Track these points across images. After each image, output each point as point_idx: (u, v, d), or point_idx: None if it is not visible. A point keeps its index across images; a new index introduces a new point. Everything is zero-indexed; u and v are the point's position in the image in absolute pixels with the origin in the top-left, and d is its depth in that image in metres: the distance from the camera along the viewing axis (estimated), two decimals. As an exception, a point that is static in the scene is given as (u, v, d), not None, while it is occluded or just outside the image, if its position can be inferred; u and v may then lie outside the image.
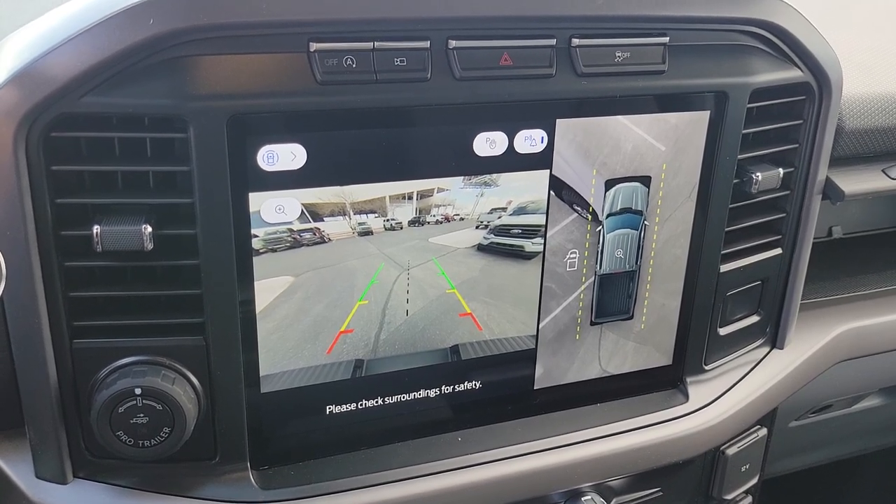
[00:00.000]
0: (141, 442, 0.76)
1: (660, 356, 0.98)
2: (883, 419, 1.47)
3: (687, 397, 0.99)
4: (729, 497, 1.07)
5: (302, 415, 0.84)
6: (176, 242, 0.74)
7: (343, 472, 0.85)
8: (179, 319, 0.76)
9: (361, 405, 0.86)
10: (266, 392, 0.82)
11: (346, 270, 0.80)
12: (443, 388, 0.89)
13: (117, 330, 0.75)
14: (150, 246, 0.71)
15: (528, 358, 0.92)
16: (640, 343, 0.96)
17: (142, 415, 0.74)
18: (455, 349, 0.88)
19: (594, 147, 0.84)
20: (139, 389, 0.74)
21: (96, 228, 0.70)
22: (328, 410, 0.85)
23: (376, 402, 0.87)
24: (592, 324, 0.93)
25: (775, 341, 1.08)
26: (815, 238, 1.40)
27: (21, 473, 0.79)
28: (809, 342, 1.10)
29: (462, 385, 0.90)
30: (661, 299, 0.95)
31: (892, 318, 1.17)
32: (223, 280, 0.75)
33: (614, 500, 0.97)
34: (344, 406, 0.86)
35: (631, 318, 0.95)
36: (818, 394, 1.22)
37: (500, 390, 0.92)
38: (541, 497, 0.93)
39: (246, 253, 0.75)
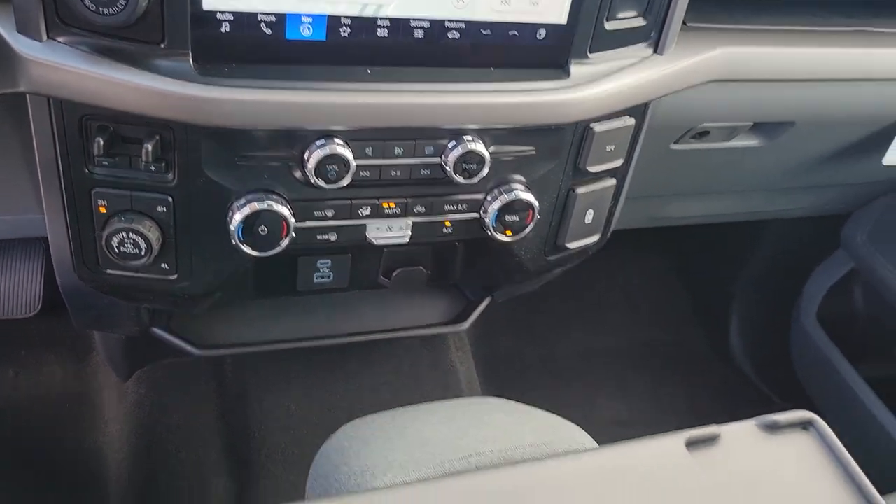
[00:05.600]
0: (101, 10, 0.94)
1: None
2: (763, 165, 1.68)
3: (569, 75, 1.18)
4: (593, 170, 1.28)
5: (238, 23, 1.02)
6: None
7: (271, 76, 1.05)
8: None
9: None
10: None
11: None
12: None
13: None
14: None
15: None
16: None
17: (102, -12, 0.93)
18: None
19: None
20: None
21: None
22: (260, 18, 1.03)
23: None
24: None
25: (657, 47, 1.25)
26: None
27: (7, 29, 0.98)
28: (689, 55, 1.28)
29: (377, 30, 1.08)
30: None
31: (769, 50, 1.34)
32: None
33: (492, 147, 1.18)
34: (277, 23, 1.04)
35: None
36: (694, 113, 1.41)
37: (409, 36, 1.10)
38: (431, 128, 1.14)
39: None
